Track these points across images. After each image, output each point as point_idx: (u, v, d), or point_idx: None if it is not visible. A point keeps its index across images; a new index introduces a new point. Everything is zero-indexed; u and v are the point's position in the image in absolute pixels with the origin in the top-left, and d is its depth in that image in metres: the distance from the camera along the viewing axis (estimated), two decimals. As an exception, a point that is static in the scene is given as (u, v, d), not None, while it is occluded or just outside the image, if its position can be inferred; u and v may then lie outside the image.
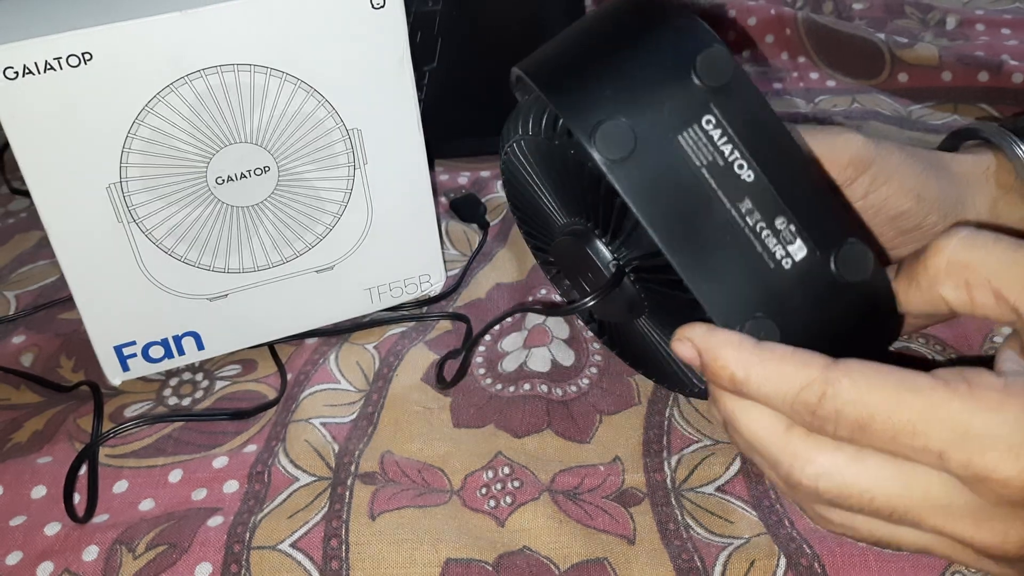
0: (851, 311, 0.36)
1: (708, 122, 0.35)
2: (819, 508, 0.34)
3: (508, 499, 0.42)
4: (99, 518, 0.42)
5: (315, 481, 0.43)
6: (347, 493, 0.42)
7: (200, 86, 0.44)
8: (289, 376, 0.50)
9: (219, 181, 0.46)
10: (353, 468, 0.44)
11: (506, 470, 0.43)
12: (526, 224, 0.47)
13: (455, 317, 0.53)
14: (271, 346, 0.52)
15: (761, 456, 0.34)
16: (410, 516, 0.41)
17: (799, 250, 0.35)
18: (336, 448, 0.45)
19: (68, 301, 0.56)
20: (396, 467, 0.44)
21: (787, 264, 0.35)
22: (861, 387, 0.31)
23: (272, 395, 0.49)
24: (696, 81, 0.35)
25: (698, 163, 0.35)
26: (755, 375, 0.33)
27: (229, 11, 0.43)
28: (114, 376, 0.49)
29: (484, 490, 0.42)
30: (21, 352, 0.53)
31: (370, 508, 0.42)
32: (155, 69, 0.43)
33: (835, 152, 0.41)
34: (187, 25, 0.43)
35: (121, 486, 0.44)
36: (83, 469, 0.45)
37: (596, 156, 0.35)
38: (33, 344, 0.54)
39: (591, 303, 0.41)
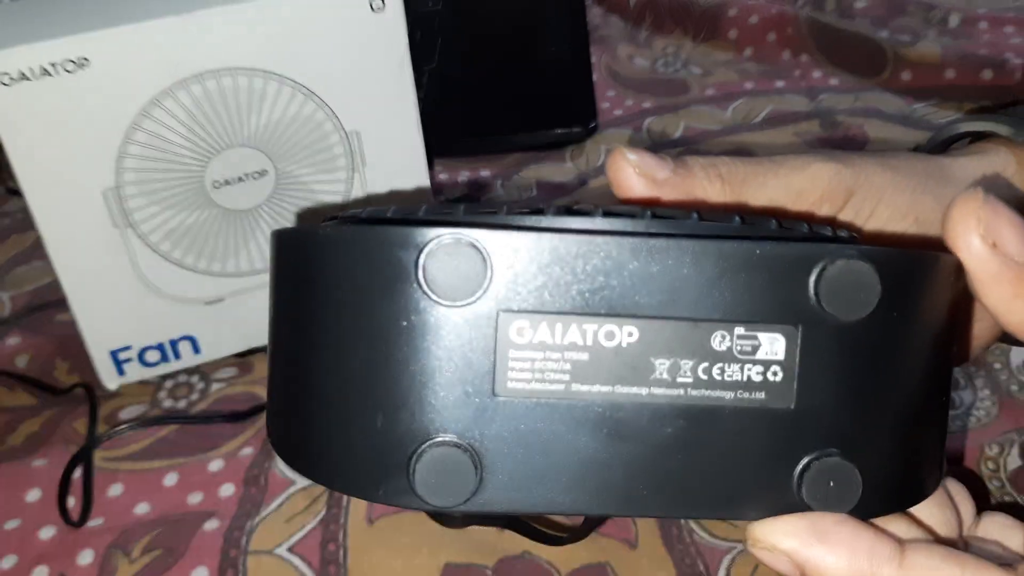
0: (902, 335, 0.26)
1: (519, 331, 0.24)
2: None
3: (507, 503, 0.41)
4: (94, 522, 0.42)
5: (312, 485, 0.43)
6: (344, 497, 0.42)
7: (197, 90, 0.43)
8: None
9: (216, 185, 0.46)
10: (351, 472, 0.43)
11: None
12: None
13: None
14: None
15: None
16: (409, 520, 0.41)
17: (773, 344, 0.25)
18: (334, 452, 0.44)
19: (64, 303, 0.55)
20: (394, 471, 0.43)
21: (776, 375, 0.25)
22: None
23: (270, 398, 0.48)
24: (451, 304, 0.24)
25: (559, 386, 0.25)
26: None
27: (227, 15, 0.43)
28: (110, 380, 0.49)
29: (483, 494, 0.42)
30: (16, 354, 0.53)
31: (368, 512, 0.41)
32: (152, 74, 0.42)
33: (801, 190, 0.33)
34: (184, 29, 0.42)
35: (116, 489, 0.44)
36: (78, 472, 0.44)
37: (444, 505, 0.25)
38: (28, 346, 0.53)
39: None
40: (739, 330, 0.25)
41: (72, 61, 0.41)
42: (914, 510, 0.29)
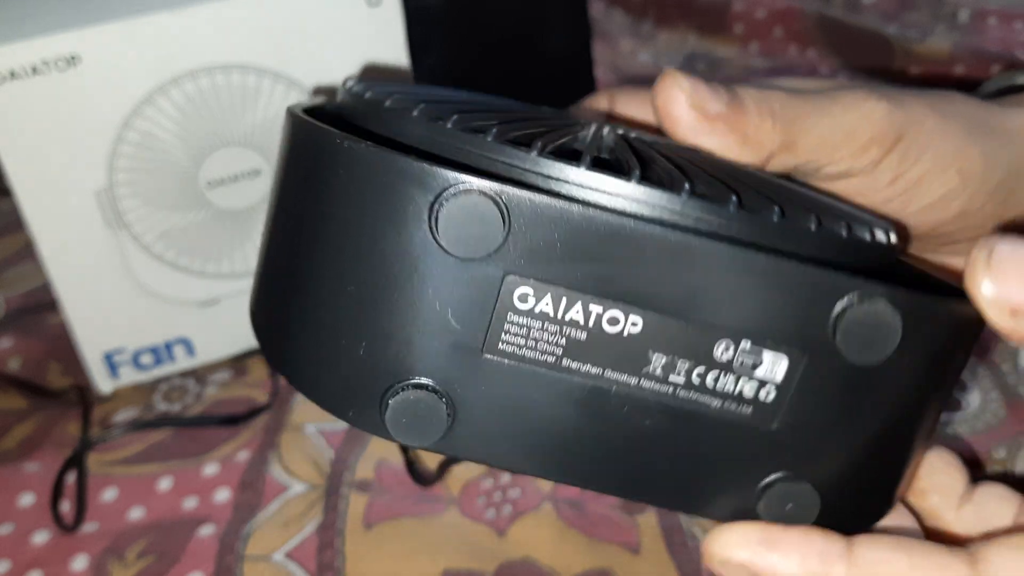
0: (905, 386, 0.25)
1: (522, 298, 0.23)
2: None
3: (508, 508, 0.41)
4: (88, 527, 0.42)
5: (309, 489, 0.42)
6: (341, 502, 0.41)
7: (191, 88, 0.43)
8: (282, 380, 0.49)
9: (211, 184, 0.45)
10: (348, 476, 0.43)
11: (506, 478, 0.42)
12: None
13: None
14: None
15: None
16: (407, 526, 0.40)
17: (775, 365, 0.24)
18: (331, 455, 0.44)
19: (56, 304, 0.55)
20: (393, 475, 0.43)
21: (769, 395, 0.25)
22: None
23: (264, 400, 0.48)
24: (458, 257, 0.23)
25: (550, 358, 0.24)
26: None
27: (220, 10, 0.42)
28: (103, 383, 0.48)
29: (483, 499, 0.41)
30: (8, 356, 0.52)
31: (365, 517, 0.41)
32: (145, 71, 0.42)
33: (852, 130, 0.31)
34: (178, 25, 0.41)
35: (110, 494, 0.43)
36: (72, 476, 0.44)
37: (410, 444, 0.25)
38: (20, 348, 0.53)
39: None
40: (745, 344, 0.24)
41: (63, 59, 0.40)
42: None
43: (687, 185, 0.23)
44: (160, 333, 0.48)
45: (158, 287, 0.47)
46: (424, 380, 0.24)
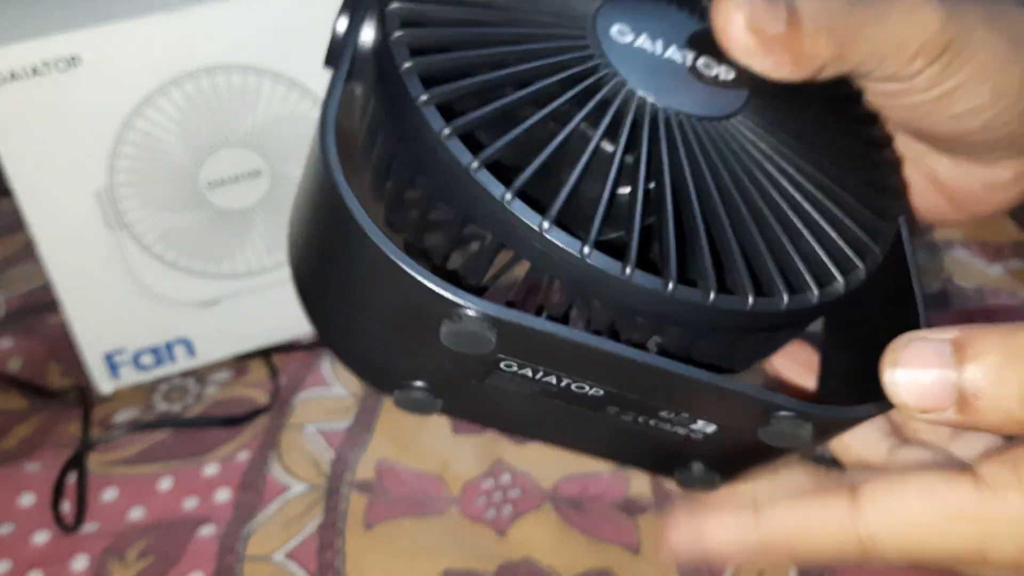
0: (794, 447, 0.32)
1: (508, 365, 0.28)
2: None
3: (508, 508, 0.41)
4: (88, 527, 0.42)
5: (309, 490, 0.42)
6: (342, 502, 0.42)
7: (191, 89, 0.43)
8: (282, 380, 0.49)
9: (211, 185, 0.45)
10: (348, 476, 0.43)
11: (506, 478, 0.42)
12: None
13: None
14: (264, 350, 0.51)
15: None
16: (408, 526, 0.40)
17: (706, 427, 0.30)
18: (331, 455, 0.44)
19: (57, 304, 0.55)
20: (393, 475, 0.43)
21: (697, 436, 0.31)
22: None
23: (265, 400, 0.48)
24: (458, 352, 0.26)
25: (525, 392, 0.29)
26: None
27: (220, 11, 0.42)
28: (104, 384, 0.48)
29: (483, 499, 0.42)
30: (8, 357, 0.52)
31: (366, 518, 0.41)
32: (145, 72, 0.42)
33: (903, 41, 0.30)
34: (178, 26, 0.41)
35: (111, 494, 0.43)
36: (72, 477, 0.44)
37: (409, 413, 0.31)
38: (21, 349, 0.53)
39: None
40: (685, 415, 0.29)
41: (63, 60, 0.40)
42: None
43: (672, 279, 0.26)
44: (160, 333, 0.48)
45: (158, 288, 0.47)
46: (423, 385, 0.30)
